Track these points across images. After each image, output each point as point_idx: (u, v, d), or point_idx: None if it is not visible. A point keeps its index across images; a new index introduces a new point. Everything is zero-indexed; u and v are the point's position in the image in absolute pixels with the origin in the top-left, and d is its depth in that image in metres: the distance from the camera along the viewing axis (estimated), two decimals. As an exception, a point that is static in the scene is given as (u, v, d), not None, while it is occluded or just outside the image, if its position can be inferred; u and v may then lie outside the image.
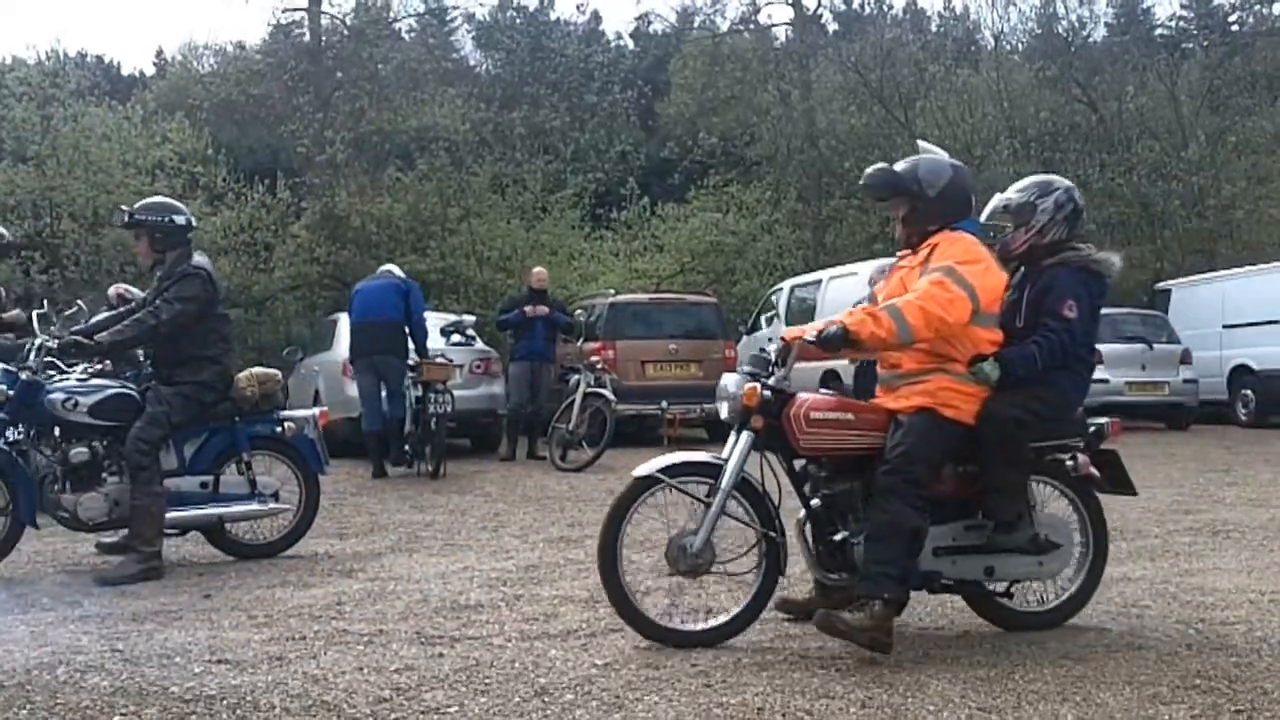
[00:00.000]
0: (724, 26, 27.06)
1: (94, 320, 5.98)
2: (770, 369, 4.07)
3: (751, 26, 27.28)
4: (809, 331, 4.03)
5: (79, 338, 5.61)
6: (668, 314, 13.50)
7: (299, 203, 20.93)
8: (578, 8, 47.53)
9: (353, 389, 10.48)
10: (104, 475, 5.60)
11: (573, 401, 10.68)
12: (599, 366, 11.26)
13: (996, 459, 3.99)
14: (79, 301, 7.11)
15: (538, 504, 8.31)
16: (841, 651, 3.90)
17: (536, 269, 12.67)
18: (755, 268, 21.35)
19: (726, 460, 4.00)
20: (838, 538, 4.05)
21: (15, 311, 6.68)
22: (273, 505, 6.03)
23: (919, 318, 3.86)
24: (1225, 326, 15.43)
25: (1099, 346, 16.04)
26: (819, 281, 14.44)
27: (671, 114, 26.13)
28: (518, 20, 31.59)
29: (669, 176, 24.72)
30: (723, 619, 4.07)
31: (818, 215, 22.32)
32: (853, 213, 21.94)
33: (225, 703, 3.33)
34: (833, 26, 28.93)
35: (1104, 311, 16.16)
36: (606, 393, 10.86)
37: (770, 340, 14.64)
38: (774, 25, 27.54)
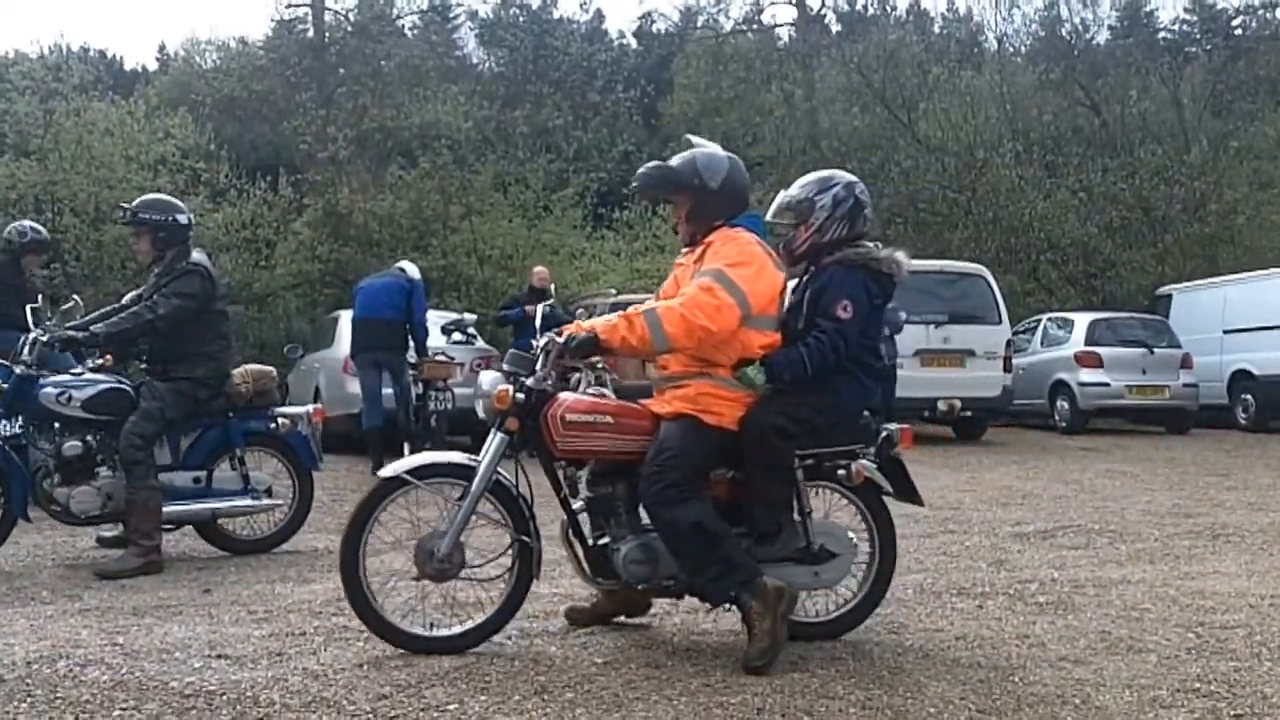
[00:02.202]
0: (727, 26, 27.10)
1: (92, 316, 5.98)
2: (533, 368, 3.87)
3: (755, 26, 27.29)
4: (565, 333, 3.85)
5: (74, 332, 5.62)
6: (668, 314, 13.47)
7: (301, 199, 20.94)
8: (581, 6, 47.55)
9: (353, 386, 10.49)
10: (97, 469, 5.60)
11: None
12: (599, 366, 11.21)
13: (757, 467, 3.82)
14: (75, 296, 7.10)
15: (538, 501, 8.29)
16: (842, 653, 3.91)
17: (538, 268, 12.66)
18: (756, 268, 21.32)
19: (480, 462, 3.86)
20: (601, 543, 3.91)
21: (74, 301, 6.65)
22: (265, 501, 6.04)
23: (678, 326, 3.71)
24: (1226, 331, 15.44)
25: (1100, 350, 16.17)
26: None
27: (674, 114, 26.13)
28: (521, 18, 31.59)
29: (671, 176, 24.65)
30: (471, 625, 3.91)
31: (819, 216, 22.28)
32: (854, 214, 21.90)
33: (225, 698, 3.33)
34: (836, 27, 28.93)
35: (1105, 315, 16.23)
36: (607, 391, 10.82)
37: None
38: (777, 25, 27.59)
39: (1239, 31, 28.68)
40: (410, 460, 4.04)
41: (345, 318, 11.55)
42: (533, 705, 3.31)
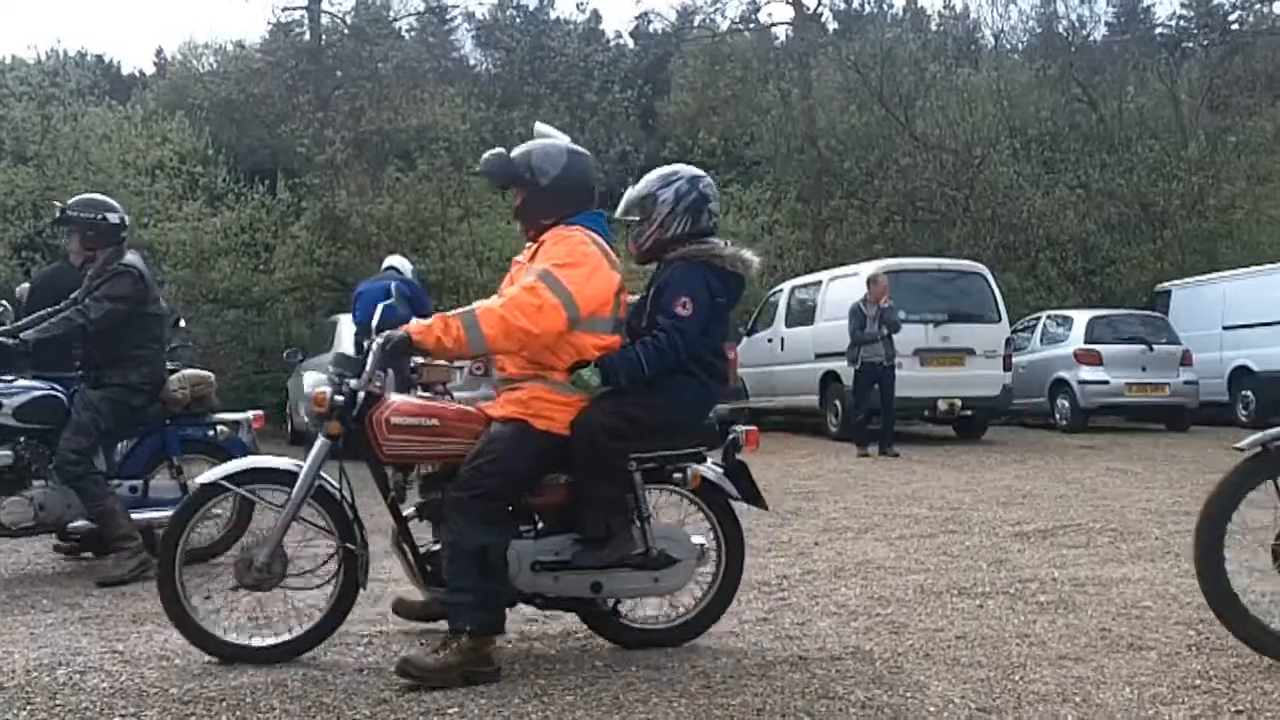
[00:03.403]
0: (724, 26, 27.01)
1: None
2: (360, 370, 3.73)
3: (751, 26, 27.27)
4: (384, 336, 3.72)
5: (2, 338, 5.42)
6: (668, 314, 13.46)
7: (299, 203, 20.93)
8: (577, 6, 47.51)
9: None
10: (30, 479, 5.44)
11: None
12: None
13: (586, 471, 3.70)
14: (3, 302, 7.01)
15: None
16: (842, 653, 3.91)
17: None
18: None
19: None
20: (432, 549, 3.81)
21: (3, 306, 6.58)
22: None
23: (496, 328, 3.60)
24: (1225, 327, 15.44)
25: (1099, 347, 16.14)
26: (819, 282, 14.44)
27: (671, 113, 26.10)
28: (517, 19, 31.57)
29: (669, 177, 24.66)
30: (295, 633, 3.84)
31: (818, 215, 22.31)
32: (853, 213, 21.92)
33: (225, 704, 3.33)
34: (833, 26, 28.90)
35: (1104, 313, 16.15)
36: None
37: (769, 341, 14.79)
38: (774, 24, 27.55)
39: (1236, 26, 28.66)
40: (231, 465, 3.97)
41: (345, 321, 11.53)
42: (532, 708, 3.30)
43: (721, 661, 3.81)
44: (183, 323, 10.33)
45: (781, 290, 15.40)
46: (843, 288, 13.27)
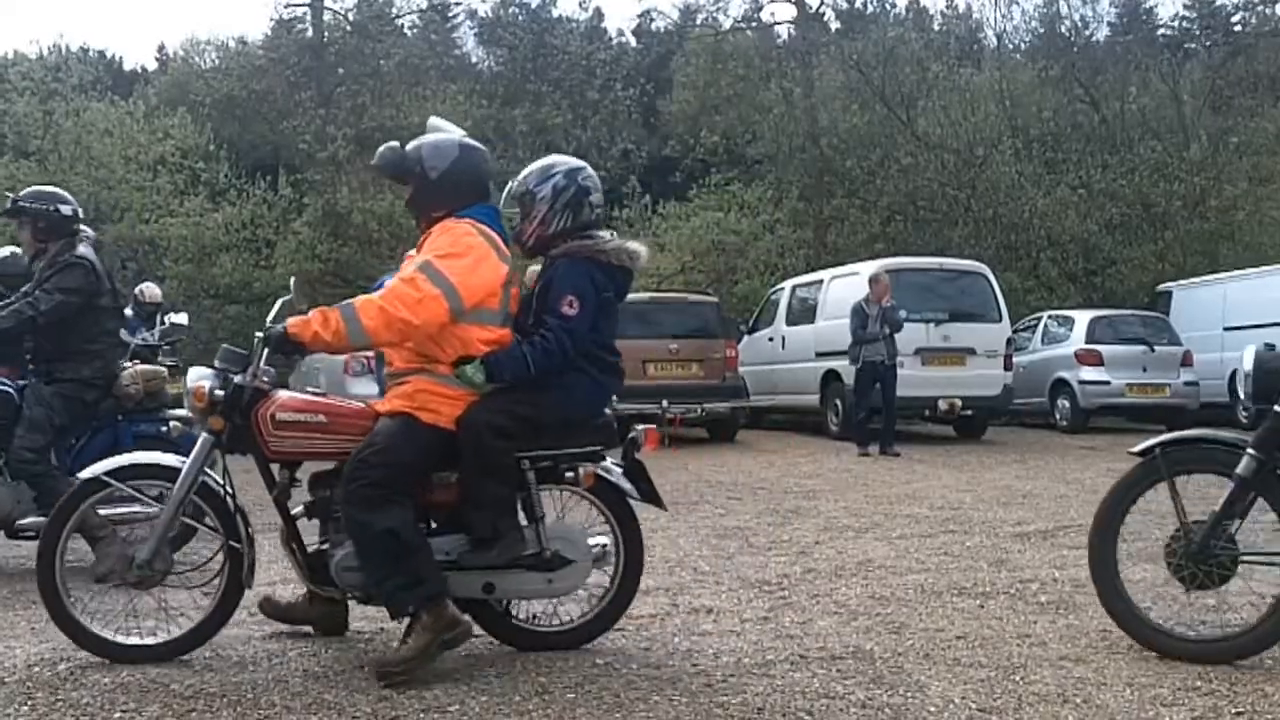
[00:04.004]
0: (726, 24, 27.06)
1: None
2: (246, 364, 3.67)
3: (754, 24, 27.28)
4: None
5: None
6: (669, 313, 13.47)
7: (300, 199, 20.95)
8: (580, 4, 47.48)
9: (355, 386, 10.49)
10: None
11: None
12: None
13: (472, 469, 3.63)
14: None
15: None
16: (842, 653, 3.91)
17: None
18: (756, 267, 21.35)
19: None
20: (322, 548, 3.75)
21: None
22: (157, 508, 5.74)
23: (376, 319, 3.54)
24: (1226, 328, 15.41)
25: (1100, 348, 16.11)
26: (820, 281, 14.43)
27: (673, 112, 26.12)
28: (520, 17, 31.58)
29: (671, 175, 24.72)
30: (178, 632, 3.78)
31: (819, 214, 22.32)
32: (854, 212, 21.94)
33: (226, 700, 3.33)
34: (835, 25, 28.91)
35: (1105, 313, 16.09)
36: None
37: (770, 340, 14.79)
38: (776, 23, 27.55)
39: (1238, 28, 28.66)
40: (115, 460, 3.90)
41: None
42: (534, 706, 3.31)
43: (722, 660, 3.81)
44: (184, 318, 10.36)
45: (782, 289, 15.41)
46: (844, 287, 13.27)
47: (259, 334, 3.67)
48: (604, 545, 3.95)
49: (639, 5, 56.87)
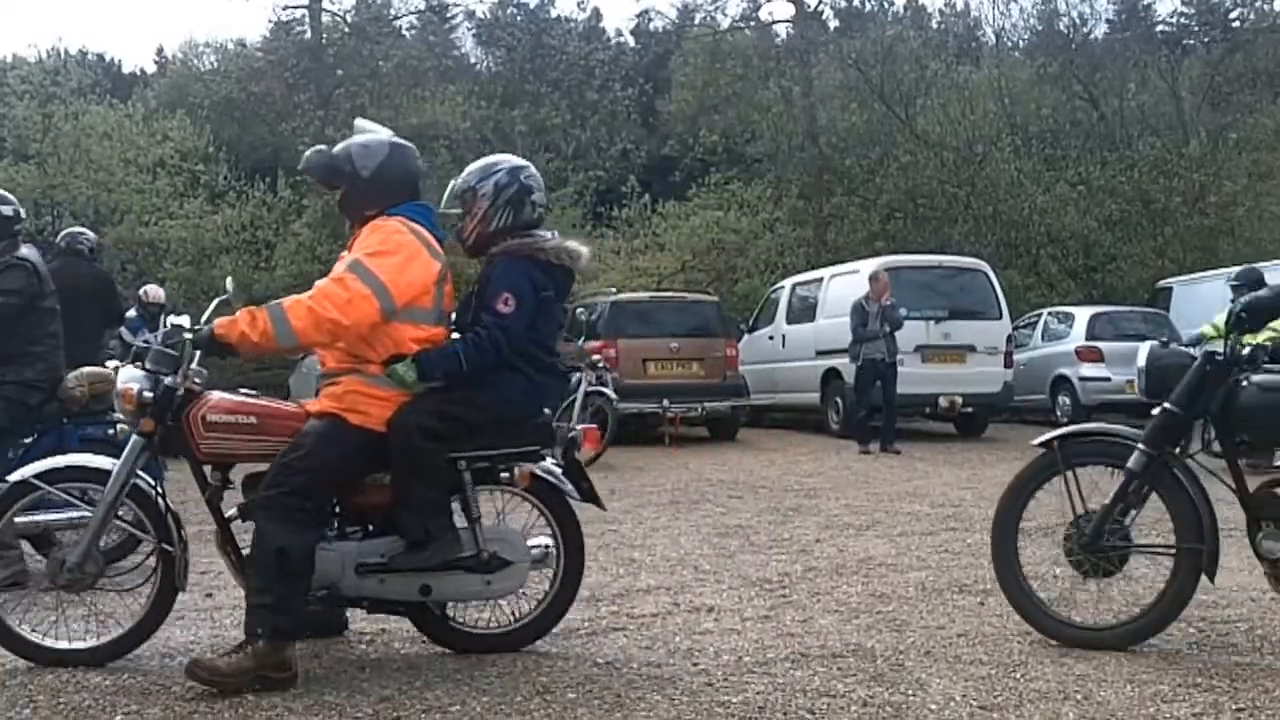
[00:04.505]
0: (725, 23, 27.05)
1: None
2: (177, 366, 3.63)
3: (752, 23, 27.28)
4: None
5: None
6: (669, 312, 13.50)
7: (300, 200, 20.94)
8: (578, 5, 47.43)
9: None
10: None
11: (574, 400, 10.69)
12: (600, 365, 11.28)
13: (403, 470, 3.59)
14: None
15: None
16: (843, 650, 3.91)
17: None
18: (756, 266, 21.36)
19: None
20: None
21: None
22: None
23: (305, 320, 3.50)
24: (1226, 324, 15.40)
25: (1100, 345, 16.08)
26: (820, 279, 14.44)
27: (672, 111, 26.11)
28: (518, 17, 31.58)
29: (670, 174, 24.73)
30: (109, 637, 3.73)
31: (819, 213, 22.32)
32: (854, 210, 21.94)
33: (227, 701, 3.33)
34: (834, 23, 28.91)
35: (1104, 310, 16.08)
36: (608, 391, 10.88)
37: (770, 339, 14.79)
38: (775, 22, 27.54)
39: (1237, 24, 28.66)
40: (42, 464, 3.85)
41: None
42: (535, 705, 3.31)
43: (723, 659, 3.81)
44: (186, 320, 10.35)
45: (783, 287, 15.41)
46: (844, 285, 13.28)
47: (186, 335, 3.65)
48: (546, 547, 3.91)
49: (637, 5, 56.81)
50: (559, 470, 3.91)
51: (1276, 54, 24.38)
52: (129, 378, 3.69)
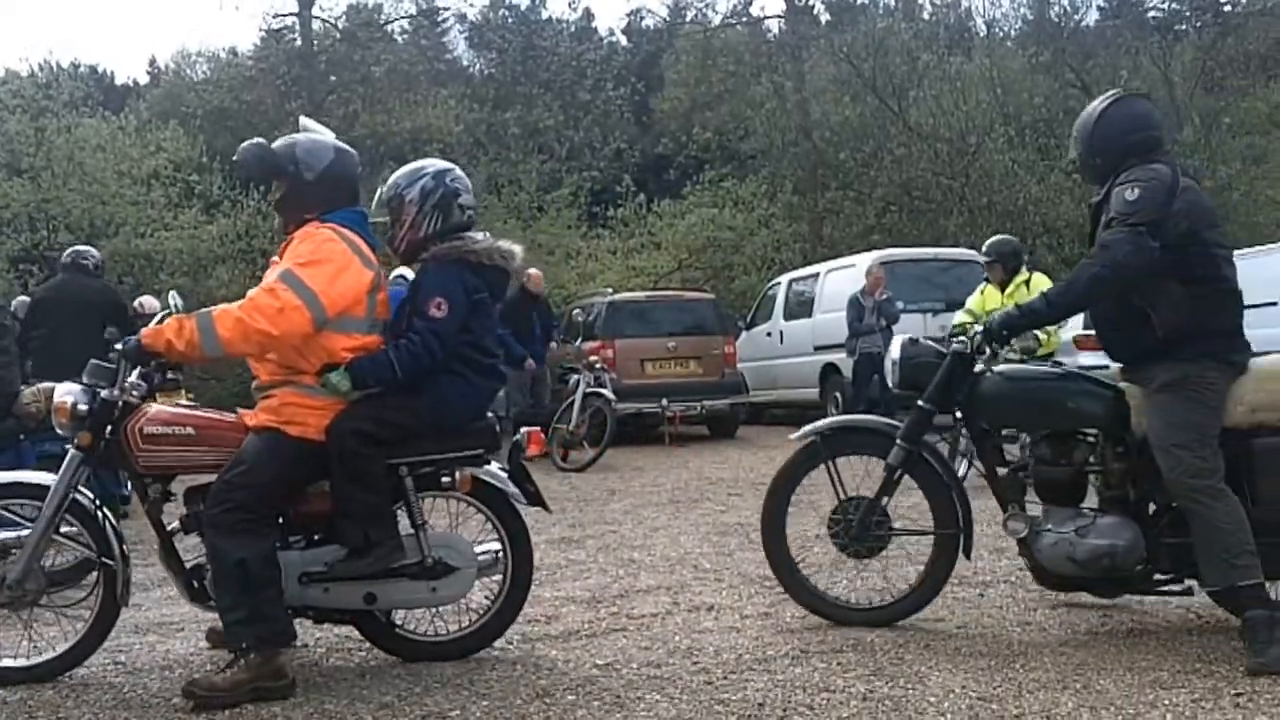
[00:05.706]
0: (716, 21, 27.01)
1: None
2: (114, 378, 3.60)
3: (743, 20, 27.27)
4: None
5: None
6: (666, 311, 13.50)
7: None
8: (569, 5, 47.31)
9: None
10: None
11: (573, 401, 10.69)
12: (598, 366, 11.28)
13: (341, 477, 3.56)
14: None
15: (539, 504, 8.29)
16: (843, 645, 3.91)
17: (532, 270, 12.60)
18: (753, 262, 21.34)
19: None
20: (199, 563, 3.66)
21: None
22: (64, 531, 5.56)
23: (233, 330, 3.46)
24: (1224, 308, 15.40)
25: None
26: (817, 275, 14.43)
27: (665, 110, 26.11)
28: (509, 20, 31.54)
29: (664, 173, 24.72)
30: (51, 655, 3.70)
31: (814, 208, 22.31)
32: (849, 204, 21.92)
33: (228, 713, 3.34)
34: (825, 17, 28.90)
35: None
36: (606, 392, 10.88)
37: (768, 335, 14.79)
38: (766, 18, 27.57)
39: (1228, 8, 28.61)
40: None
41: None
42: (535, 709, 3.32)
43: (723, 657, 3.82)
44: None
45: (779, 283, 15.40)
46: (840, 280, 13.26)
47: (117, 346, 3.62)
48: (494, 552, 3.89)
49: (628, 4, 56.83)
50: (504, 474, 3.88)
51: (1268, 36, 24.38)
52: (65, 391, 3.64)
